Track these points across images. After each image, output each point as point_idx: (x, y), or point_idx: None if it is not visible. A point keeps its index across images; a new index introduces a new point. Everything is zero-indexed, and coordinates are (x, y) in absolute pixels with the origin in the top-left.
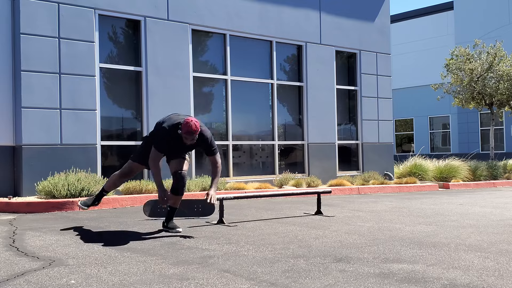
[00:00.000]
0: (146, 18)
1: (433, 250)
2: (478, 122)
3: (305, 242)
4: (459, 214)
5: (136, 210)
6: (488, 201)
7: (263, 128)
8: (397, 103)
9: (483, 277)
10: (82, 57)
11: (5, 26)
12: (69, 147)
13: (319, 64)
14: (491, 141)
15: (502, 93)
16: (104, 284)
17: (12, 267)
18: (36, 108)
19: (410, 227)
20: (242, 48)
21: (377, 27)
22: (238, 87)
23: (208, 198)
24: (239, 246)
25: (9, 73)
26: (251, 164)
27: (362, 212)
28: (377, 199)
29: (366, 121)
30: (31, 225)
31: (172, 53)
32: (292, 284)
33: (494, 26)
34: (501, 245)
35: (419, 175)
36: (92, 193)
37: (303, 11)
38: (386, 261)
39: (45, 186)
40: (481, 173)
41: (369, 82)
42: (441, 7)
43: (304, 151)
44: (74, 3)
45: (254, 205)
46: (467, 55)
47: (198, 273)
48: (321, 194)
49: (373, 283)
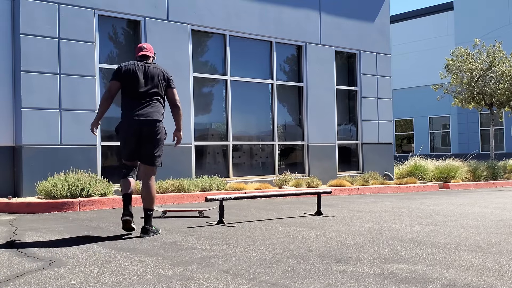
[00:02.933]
0: (146, 19)
1: (433, 251)
2: (478, 123)
3: (305, 243)
4: (459, 215)
5: (136, 211)
6: (488, 201)
7: (263, 128)
8: (397, 103)
9: (483, 277)
10: (82, 58)
11: (5, 26)
12: (69, 148)
13: (319, 65)
14: (491, 141)
15: (502, 93)
16: (104, 284)
17: (12, 267)
18: (36, 109)
19: (410, 228)
20: (242, 48)
21: (377, 27)
22: (238, 88)
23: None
24: (239, 246)
25: (9, 74)
26: (251, 164)
27: (362, 212)
28: (377, 199)
29: (366, 122)
30: (31, 225)
31: (172, 53)
32: (292, 285)
33: (494, 26)
34: (501, 245)
35: (419, 176)
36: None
37: (303, 11)
38: (386, 261)
39: (45, 187)
40: (481, 174)
41: (369, 82)
42: (441, 7)
43: (304, 151)
44: (73, 4)
45: (254, 205)
46: (467, 55)
47: (198, 274)
48: (321, 194)
49: (373, 283)
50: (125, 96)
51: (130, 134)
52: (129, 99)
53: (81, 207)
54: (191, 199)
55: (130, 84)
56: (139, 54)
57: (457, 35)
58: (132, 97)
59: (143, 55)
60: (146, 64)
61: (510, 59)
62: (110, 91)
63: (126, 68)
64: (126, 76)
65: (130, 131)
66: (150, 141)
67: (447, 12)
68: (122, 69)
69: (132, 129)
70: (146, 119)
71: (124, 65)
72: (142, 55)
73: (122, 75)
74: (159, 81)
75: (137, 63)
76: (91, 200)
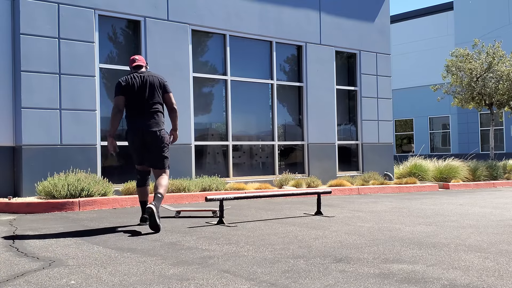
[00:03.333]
0: (146, 19)
1: (433, 251)
2: (478, 123)
3: (305, 243)
4: (459, 215)
5: (136, 211)
6: (488, 201)
7: (263, 128)
8: (397, 104)
9: (483, 277)
10: (82, 58)
11: (5, 26)
12: (69, 148)
13: (319, 65)
14: (491, 141)
15: (502, 93)
16: (104, 284)
17: (12, 267)
18: (36, 109)
19: (410, 228)
20: (242, 48)
21: (377, 27)
22: (238, 88)
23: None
24: (239, 246)
25: (9, 74)
26: (251, 164)
27: (362, 212)
28: (377, 199)
29: (366, 122)
30: (31, 225)
31: (172, 54)
32: (292, 285)
33: (494, 26)
34: (501, 245)
35: (419, 176)
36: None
37: (303, 11)
38: (386, 261)
39: (45, 187)
40: (481, 173)
41: (369, 82)
42: (441, 8)
43: (304, 151)
44: (73, 4)
45: (254, 205)
46: (466, 55)
47: (198, 274)
48: (321, 194)
49: (373, 284)
50: (128, 107)
51: (135, 143)
52: (132, 110)
53: (81, 207)
54: (191, 199)
55: (131, 96)
56: (133, 65)
57: (457, 35)
58: (134, 107)
59: (136, 65)
60: (141, 74)
61: (510, 59)
62: (118, 106)
63: (127, 81)
64: (128, 89)
65: (136, 140)
66: (155, 148)
67: (447, 12)
68: (123, 83)
69: (137, 138)
70: (147, 131)
71: (124, 80)
72: (136, 65)
73: (124, 88)
74: (156, 88)
75: (133, 76)
76: (91, 200)
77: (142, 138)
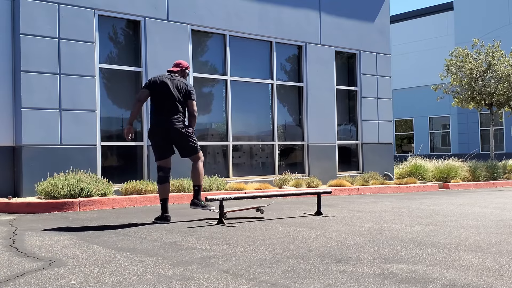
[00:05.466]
0: (146, 19)
1: (433, 251)
2: (478, 123)
3: (305, 243)
4: (459, 215)
5: (136, 211)
6: (488, 201)
7: (263, 128)
8: (397, 104)
9: (483, 277)
10: (82, 58)
11: (5, 26)
12: (69, 148)
13: (319, 65)
14: (491, 141)
15: (502, 93)
16: (104, 284)
17: (12, 267)
18: (36, 109)
19: (410, 228)
20: (242, 48)
21: (377, 27)
22: (238, 88)
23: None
24: (239, 246)
25: (9, 74)
26: (251, 164)
27: (362, 212)
28: (377, 199)
29: (366, 122)
30: (31, 225)
31: (172, 54)
32: (292, 285)
33: (494, 26)
34: (501, 245)
35: (419, 176)
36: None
37: (303, 11)
38: (386, 261)
39: (45, 187)
40: (480, 173)
41: (369, 82)
42: (441, 8)
43: (304, 151)
44: (73, 4)
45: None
46: (466, 55)
47: (198, 274)
48: (321, 194)
49: (373, 284)
50: (153, 104)
51: (159, 137)
52: (157, 106)
53: (81, 207)
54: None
55: (156, 93)
56: (168, 70)
57: (457, 35)
58: (158, 104)
59: (169, 69)
60: (170, 76)
61: (509, 59)
62: (139, 97)
63: (156, 79)
64: (154, 86)
65: (159, 133)
66: (180, 139)
67: (447, 12)
68: (152, 80)
69: (161, 132)
70: (172, 128)
71: (155, 77)
72: (169, 69)
73: (150, 84)
74: (181, 92)
75: (164, 76)
76: (91, 200)
77: (167, 134)
